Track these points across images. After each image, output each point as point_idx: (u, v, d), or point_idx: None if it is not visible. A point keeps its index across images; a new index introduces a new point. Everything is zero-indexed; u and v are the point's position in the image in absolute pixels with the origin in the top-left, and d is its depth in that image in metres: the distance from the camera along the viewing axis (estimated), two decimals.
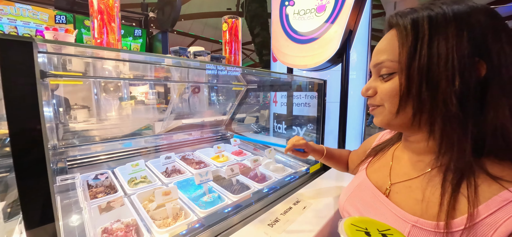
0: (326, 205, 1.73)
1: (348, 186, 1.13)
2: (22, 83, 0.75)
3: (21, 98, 0.74)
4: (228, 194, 1.93)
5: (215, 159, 2.74)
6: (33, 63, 0.73)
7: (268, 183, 2.20)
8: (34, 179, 0.78)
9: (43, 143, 0.78)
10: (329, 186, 2.14)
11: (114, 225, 1.42)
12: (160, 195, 1.60)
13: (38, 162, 0.80)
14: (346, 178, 2.14)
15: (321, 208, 1.69)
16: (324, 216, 1.59)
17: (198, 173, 1.85)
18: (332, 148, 1.54)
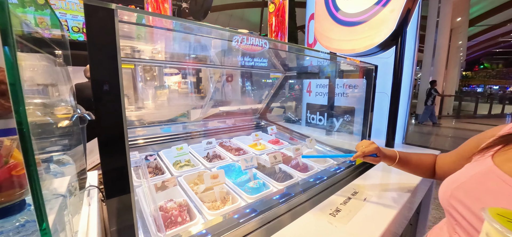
0: (388, 198, 1.59)
1: (457, 175, 1.01)
2: (105, 45, 0.76)
3: (104, 61, 0.75)
4: (273, 182, 1.88)
5: (253, 147, 2.71)
6: (114, 29, 0.73)
7: (311, 173, 2.11)
8: (115, 148, 0.79)
9: (122, 112, 0.79)
10: (386, 179, 1.98)
11: (168, 204, 1.45)
12: (208, 178, 1.60)
13: (119, 129, 0.81)
14: (403, 172, 1.96)
15: (383, 201, 1.55)
16: (391, 208, 1.46)
17: (243, 158, 1.82)
18: (406, 153, 1.43)
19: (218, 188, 1.63)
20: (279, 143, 2.95)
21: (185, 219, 1.40)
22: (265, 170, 2.12)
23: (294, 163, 2.28)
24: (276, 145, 2.86)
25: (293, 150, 2.22)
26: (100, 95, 0.78)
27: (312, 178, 1.94)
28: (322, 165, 2.31)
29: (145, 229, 1.29)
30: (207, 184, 1.59)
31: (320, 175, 1.98)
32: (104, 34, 0.76)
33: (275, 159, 2.04)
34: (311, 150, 2.54)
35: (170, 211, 1.38)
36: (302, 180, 1.95)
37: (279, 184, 1.85)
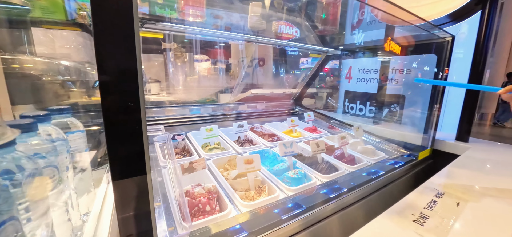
0: (494, 206, 1.19)
1: None
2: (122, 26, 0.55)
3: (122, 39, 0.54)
4: (315, 173, 1.58)
5: (287, 134, 2.42)
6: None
7: (361, 165, 1.76)
8: (133, 126, 0.59)
9: (140, 91, 0.57)
10: (478, 179, 1.54)
11: (195, 189, 1.24)
12: (241, 163, 1.36)
13: (137, 109, 0.61)
14: (497, 167, 1.49)
15: (487, 207, 1.16)
16: (505, 220, 1.07)
17: (282, 143, 1.54)
18: None
19: (252, 175, 1.39)
20: (317, 131, 2.62)
21: (214, 208, 1.18)
22: (304, 160, 1.82)
23: (338, 153, 1.94)
24: (314, 133, 2.53)
25: (337, 138, 1.88)
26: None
27: (365, 172, 1.59)
28: (371, 158, 1.93)
29: (169, 215, 1.09)
30: (240, 170, 1.36)
31: (375, 170, 1.63)
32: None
33: (318, 147, 1.73)
34: (357, 141, 2.17)
35: (198, 198, 1.17)
36: (351, 174, 1.61)
37: (323, 176, 1.55)
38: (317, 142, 1.74)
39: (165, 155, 1.50)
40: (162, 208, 1.09)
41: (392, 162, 1.80)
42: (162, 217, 1.04)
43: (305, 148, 2.06)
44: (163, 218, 1.04)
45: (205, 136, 1.94)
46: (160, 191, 1.24)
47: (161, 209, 1.09)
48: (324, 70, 4.84)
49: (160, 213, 1.06)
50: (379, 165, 1.77)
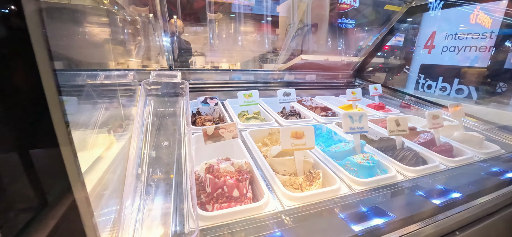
0: None
1: None
2: None
3: None
4: (394, 163, 1.08)
5: (346, 109, 1.89)
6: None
7: (466, 160, 1.17)
8: None
9: None
10: None
11: (221, 165, 0.91)
12: (287, 136, 0.96)
13: None
14: None
15: None
16: None
17: (348, 115, 1.07)
18: None
19: (301, 155, 0.98)
20: (385, 109, 2.00)
21: (244, 194, 0.83)
22: (373, 144, 1.31)
23: (424, 139, 1.36)
24: (381, 111, 1.93)
25: (428, 117, 1.29)
26: None
27: (481, 171, 1.01)
28: (479, 151, 1.30)
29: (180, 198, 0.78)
30: (284, 145, 0.96)
31: (498, 168, 1.03)
32: None
33: (398, 126, 1.19)
34: (455, 124, 1.52)
35: (223, 177, 0.83)
36: (455, 171, 1.06)
37: (407, 169, 1.04)
38: (397, 120, 1.20)
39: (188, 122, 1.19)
40: (172, 190, 0.78)
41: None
42: (173, 199, 0.73)
43: (372, 128, 1.52)
44: (173, 202, 0.73)
45: (243, 102, 1.59)
46: (169, 163, 0.94)
47: (172, 190, 0.78)
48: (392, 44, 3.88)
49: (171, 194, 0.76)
50: (498, 162, 1.15)
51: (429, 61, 3.14)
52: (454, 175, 1.07)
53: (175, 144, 0.95)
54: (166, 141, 0.89)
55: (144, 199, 0.66)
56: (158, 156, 0.83)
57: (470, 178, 1.02)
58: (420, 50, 3.28)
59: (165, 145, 0.87)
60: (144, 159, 0.76)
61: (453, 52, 2.83)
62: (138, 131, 0.73)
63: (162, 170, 0.79)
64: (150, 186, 0.70)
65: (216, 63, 3.87)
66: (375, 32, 2.43)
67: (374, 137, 1.49)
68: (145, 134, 0.82)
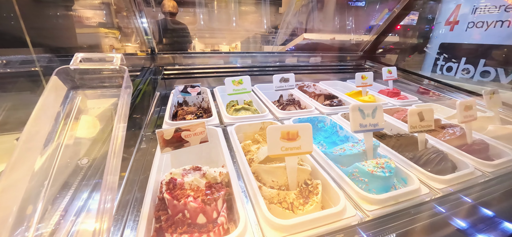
0: None
1: None
2: None
3: None
4: (415, 169, 0.83)
5: (354, 96, 1.63)
6: None
7: (506, 163, 0.91)
8: None
9: None
10: None
11: (187, 177, 0.69)
12: (276, 138, 0.73)
13: None
14: None
15: None
16: None
17: (357, 108, 0.82)
18: None
19: (294, 162, 0.74)
20: (399, 95, 1.72)
21: (215, 219, 0.62)
22: (388, 141, 1.06)
23: (452, 134, 1.10)
24: (396, 98, 1.65)
25: (459, 107, 1.02)
26: None
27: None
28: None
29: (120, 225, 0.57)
30: (272, 150, 0.73)
31: None
32: None
33: (421, 120, 0.94)
34: (488, 115, 1.25)
35: (184, 198, 0.61)
36: (496, 181, 0.81)
37: (434, 178, 0.79)
38: (421, 112, 0.94)
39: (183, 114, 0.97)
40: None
41: None
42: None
43: (386, 120, 1.27)
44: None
45: (231, 90, 1.34)
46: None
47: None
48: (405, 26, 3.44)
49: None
50: None
51: (451, 39, 2.77)
52: (497, 185, 0.82)
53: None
54: (85, 158, 0.66)
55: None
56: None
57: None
58: (440, 28, 2.89)
59: (84, 163, 0.64)
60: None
61: (481, 28, 2.45)
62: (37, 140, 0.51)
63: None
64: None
65: (212, 45, 3.55)
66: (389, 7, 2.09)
67: (387, 132, 1.24)
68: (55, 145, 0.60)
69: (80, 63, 0.55)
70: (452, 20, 2.73)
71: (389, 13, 2.00)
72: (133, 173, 0.81)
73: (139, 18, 1.57)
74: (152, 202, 0.69)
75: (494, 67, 2.37)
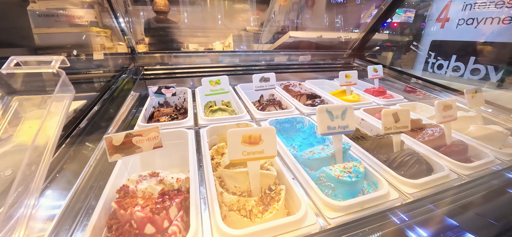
0: None
1: None
2: None
3: None
4: (388, 172, 0.80)
5: (338, 96, 1.59)
6: None
7: (485, 164, 0.88)
8: None
9: None
10: None
11: (141, 185, 0.65)
12: (236, 142, 0.69)
13: None
14: None
15: None
16: None
17: (325, 109, 0.78)
18: None
19: (256, 167, 0.71)
20: (385, 95, 1.69)
21: (165, 229, 0.58)
22: (364, 143, 1.03)
23: (431, 135, 1.07)
24: (381, 97, 1.62)
25: (437, 107, 0.99)
26: None
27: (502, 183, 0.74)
28: (501, 151, 1.01)
29: None
30: (233, 155, 0.69)
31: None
32: None
33: (396, 121, 0.90)
34: (470, 115, 1.22)
35: (130, 206, 0.58)
36: (471, 185, 0.78)
37: (406, 182, 0.76)
38: (396, 112, 0.90)
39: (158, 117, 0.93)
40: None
41: None
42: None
43: (367, 120, 1.23)
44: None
45: (208, 91, 1.31)
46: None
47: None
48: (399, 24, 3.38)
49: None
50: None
51: (442, 36, 2.74)
52: (472, 190, 0.79)
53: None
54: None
55: None
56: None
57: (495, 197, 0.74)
58: (431, 25, 2.86)
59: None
60: None
61: (471, 25, 2.42)
62: None
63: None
64: None
65: (201, 45, 3.37)
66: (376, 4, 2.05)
67: (368, 132, 1.21)
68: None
69: (15, 67, 0.51)
70: (443, 17, 2.69)
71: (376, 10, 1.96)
72: (92, 180, 0.77)
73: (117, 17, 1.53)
74: (106, 210, 0.66)
75: (484, 64, 2.34)
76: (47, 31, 1.30)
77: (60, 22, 1.66)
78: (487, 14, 2.30)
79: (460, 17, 2.50)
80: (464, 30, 2.49)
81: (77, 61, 1.42)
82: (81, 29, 1.49)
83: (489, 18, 2.27)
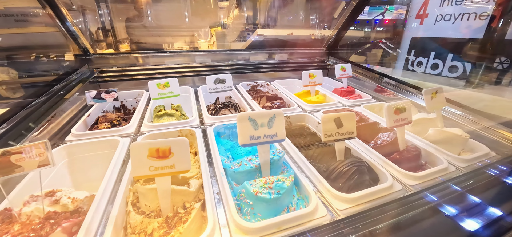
0: None
1: None
2: None
3: None
4: (322, 184, 0.72)
5: (302, 97, 1.52)
6: None
7: (434, 174, 0.81)
8: None
9: None
10: None
11: (28, 207, 0.57)
12: (142, 156, 0.61)
13: None
14: None
15: None
16: None
17: (246, 117, 0.70)
18: None
19: (165, 184, 0.63)
20: (353, 95, 1.62)
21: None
22: (309, 152, 0.95)
23: (385, 139, 1.01)
24: (349, 97, 1.55)
25: (387, 111, 0.92)
26: None
27: (442, 197, 0.67)
28: (459, 156, 0.95)
29: None
30: (137, 171, 0.61)
31: (465, 188, 0.68)
32: None
33: (338, 127, 0.83)
34: (429, 116, 1.15)
35: (1, 234, 0.49)
36: (411, 199, 0.71)
37: (339, 198, 0.69)
38: (338, 117, 0.83)
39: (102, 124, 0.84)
40: None
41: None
42: None
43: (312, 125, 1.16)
44: None
45: (156, 95, 1.22)
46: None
47: None
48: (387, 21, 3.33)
49: None
50: (481, 175, 0.79)
51: (421, 33, 2.68)
52: (415, 203, 0.72)
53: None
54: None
55: None
56: None
57: (434, 212, 0.67)
58: (412, 21, 2.80)
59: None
60: None
61: (448, 21, 2.36)
62: None
63: None
64: None
65: (167, 45, 3.01)
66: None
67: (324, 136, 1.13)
68: None
69: None
70: (422, 13, 2.63)
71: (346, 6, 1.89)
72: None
73: (65, 17, 1.43)
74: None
75: (462, 61, 2.28)
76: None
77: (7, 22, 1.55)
78: (463, 10, 2.23)
79: (438, 13, 2.44)
80: (442, 26, 2.42)
81: (19, 63, 1.32)
82: (24, 29, 1.39)
83: (466, 14, 2.21)
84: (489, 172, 0.84)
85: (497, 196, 0.74)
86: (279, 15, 2.38)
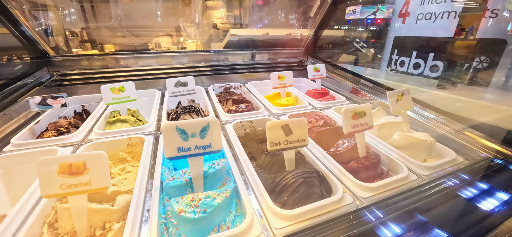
0: None
1: None
2: None
3: None
4: (266, 201, 0.66)
5: (271, 100, 1.46)
6: None
7: (391, 184, 0.76)
8: None
9: None
10: None
11: None
12: (52, 173, 0.54)
13: None
14: None
15: None
16: None
17: (175, 126, 0.64)
18: None
19: (80, 203, 0.56)
20: (326, 96, 1.57)
21: None
22: (263, 164, 0.89)
23: (346, 145, 0.95)
24: (321, 99, 1.50)
25: (344, 115, 0.86)
26: None
27: (396, 210, 0.61)
28: (423, 164, 0.90)
29: None
30: (46, 189, 0.55)
31: (426, 199, 0.63)
32: None
33: (287, 134, 0.77)
34: (396, 120, 1.11)
35: None
36: (361, 215, 0.66)
37: (279, 215, 0.63)
38: (287, 124, 0.77)
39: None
40: None
41: (467, 176, 0.74)
42: None
43: None
44: None
45: (110, 99, 1.15)
46: None
47: None
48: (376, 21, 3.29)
49: None
50: (443, 185, 0.74)
51: (404, 32, 2.64)
52: (365, 217, 0.66)
53: None
54: None
55: None
56: None
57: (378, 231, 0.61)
58: (395, 20, 2.76)
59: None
60: None
61: (429, 19, 2.33)
62: None
63: None
64: None
65: (139, 45, 2.74)
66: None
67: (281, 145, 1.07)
68: None
69: None
70: (404, 12, 2.59)
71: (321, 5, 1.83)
72: None
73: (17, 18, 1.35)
74: None
75: (443, 61, 2.25)
76: None
77: None
78: (443, 8, 2.20)
79: (419, 12, 2.40)
80: (423, 25, 2.39)
81: None
82: None
83: (446, 12, 2.18)
84: (447, 182, 0.79)
85: (447, 215, 0.69)
86: (255, 14, 2.32)
